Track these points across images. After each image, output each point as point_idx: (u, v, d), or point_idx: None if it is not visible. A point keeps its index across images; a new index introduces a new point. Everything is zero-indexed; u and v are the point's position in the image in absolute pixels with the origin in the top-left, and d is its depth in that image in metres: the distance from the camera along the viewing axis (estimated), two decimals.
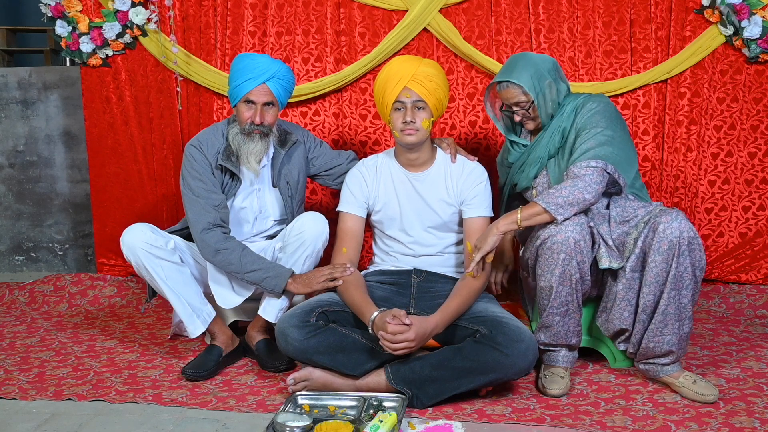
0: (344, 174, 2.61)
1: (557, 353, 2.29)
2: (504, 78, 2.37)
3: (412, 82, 2.28)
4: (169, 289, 2.47)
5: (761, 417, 1.99)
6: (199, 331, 2.51)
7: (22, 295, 3.45)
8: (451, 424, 1.98)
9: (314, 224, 2.47)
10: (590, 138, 2.26)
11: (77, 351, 2.74)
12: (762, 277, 3.09)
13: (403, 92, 2.28)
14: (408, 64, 2.33)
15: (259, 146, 2.52)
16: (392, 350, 2.07)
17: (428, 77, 2.30)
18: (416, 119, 2.29)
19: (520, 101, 2.36)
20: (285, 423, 1.88)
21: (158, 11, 3.24)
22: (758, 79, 3.00)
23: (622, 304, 2.22)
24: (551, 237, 2.15)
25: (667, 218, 2.12)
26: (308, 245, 2.46)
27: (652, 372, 2.25)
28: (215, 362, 2.47)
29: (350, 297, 2.26)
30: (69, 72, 3.88)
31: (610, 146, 2.23)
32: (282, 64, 2.53)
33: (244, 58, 2.53)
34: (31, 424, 2.08)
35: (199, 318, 2.51)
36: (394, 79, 2.29)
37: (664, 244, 2.10)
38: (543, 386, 2.21)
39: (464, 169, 2.41)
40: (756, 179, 3.06)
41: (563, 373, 2.25)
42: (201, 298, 2.55)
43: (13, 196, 3.96)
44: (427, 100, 2.29)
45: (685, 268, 2.11)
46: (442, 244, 2.42)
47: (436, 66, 2.37)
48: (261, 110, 2.48)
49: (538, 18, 3.06)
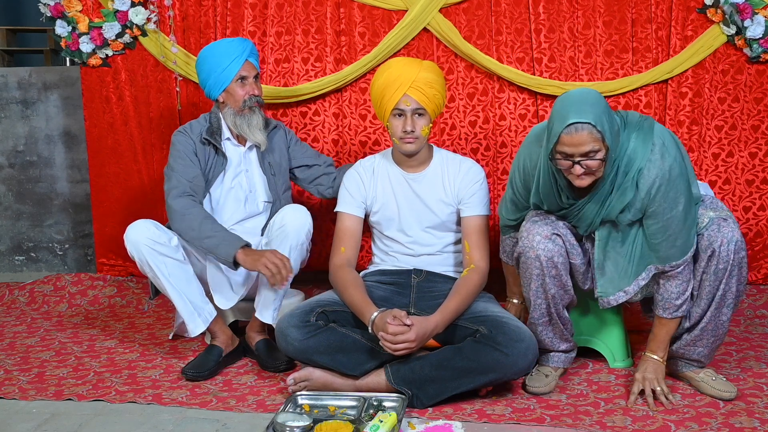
0: (320, 177, 2.78)
1: (549, 354, 2.31)
2: (579, 118, 1.89)
3: (411, 89, 2.26)
4: (171, 286, 2.47)
5: (761, 417, 1.99)
6: (199, 330, 2.51)
7: (22, 295, 3.45)
8: (451, 424, 1.98)
9: (295, 216, 2.47)
10: (673, 234, 2.03)
11: (77, 351, 2.74)
12: (762, 277, 3.09)
13: (403, 99, 2.27)
14: (408, 69, 2.30)
15: (259, 117, 2.67)
16: (393, 351, 2.07)
17: (428, 83, 2.28)
18: (416, 128, 2.29)
19: (592, 150, 1.91)
20: (285, 423, 1.88)
21: (158, 11, 3.24)
22: (759, 79, 2.99)
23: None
24: (524, 252, 2.15)
25: (725, 235, 2.05)
26: (291, 237, 2.45)
27: (674, 366, 2.26)
28: (215, 362, 2.47)
29: (349, 297, 2.26)
30: (69, 72, 3.88)
31: (692, 223, 2.06)
32: (249, 41, 2.71)
33: (217, 46, 2.66)
34: (31, 424, 2.08)
35: (200, 317, 2.51)
36: (394, 86, 2.27)
37: (720, 264, 2.07)
38: (525, 383, 2.23)
39: (461, 168, 2.40)
40: (757, 179, 3.06)
41: (549, 372, 2.26)
42: (203, 297, 2.55)
43: (13, 196, 3.96)
44: (426, 107, 2.28)
45: (731, 287, 2.09)
46: (441, 243, 2.42)
47: (435, 70, 2.36)
48: (253, 83, 2.64)
49: (538, 18, 3.06)
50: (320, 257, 3.22)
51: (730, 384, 2.15)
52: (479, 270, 2.30)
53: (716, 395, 2.12)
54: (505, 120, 3.14)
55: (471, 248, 2.33)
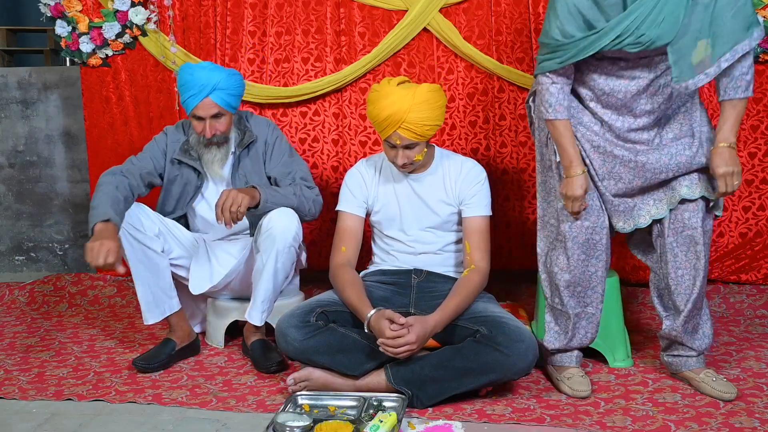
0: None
1: (571, 354, 2.32)
2: None
3: (402, 129, 2.22)
4: (137, 273, 2.52)
5: (761, 417, 1.99)
6: (153, 320, 2.57)
7: (22, 295, 3.45)
8: (451, 424, 1.98)
9: (281, 220, 2.45)
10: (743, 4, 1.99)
11: (77, 351, 2.74)
12: (762, 277, 3.09)
13: (393, 136, 2.24)
14: (399, 107, 2.19)
15: (218, 155, 2.60)
16: (395, 354, 2.07)
17: (419, 123, 2.21)
18: (408, 158, 2.29)
19: None
20: (285, 423, 1.88)
21: (158, 11, 3.24)
22: (759, 79, 2.99)
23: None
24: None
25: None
26: (278, 241, 2.44)
27: (676, 366, 2.26)
28: (167, 355, 2.53)
29: (347, 297, 2.26)
30: (69, 72, 3.88)
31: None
32: (222, 73, 2.50)
33: (184, 72, 2.52)
34: (31, 424, 2.08)
35: (158, 308, 2.56)
36: (384, 123, 2.23)
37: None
38: (572, 389, 2.20)
39: (462, 169, 2.40)
40: (756, 179, 3.06)
41: (582, 373, 2.26)
42: (168, 290, 2.59)
43: (13, 196, 3.96)
44: (419, 141, 2.26)
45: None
46: (442, 242, 2.42)
47: (429, 102, 2.22)
48: (210, 124, 2.52)
49: (538, 18, 3.06)
50: (320, 257, 3.22)
51: (730, 384, 2.15)
52: (480, 270, 2.30)
53: (716, 396, 2.12)
54: (505, 120, 3.14)
55: (472, 249, 2.33)
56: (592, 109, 2.18)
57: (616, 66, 2.11)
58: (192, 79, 2.47)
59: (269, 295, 2.50)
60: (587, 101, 2.19)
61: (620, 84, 2.11)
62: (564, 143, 2.15)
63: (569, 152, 2.14)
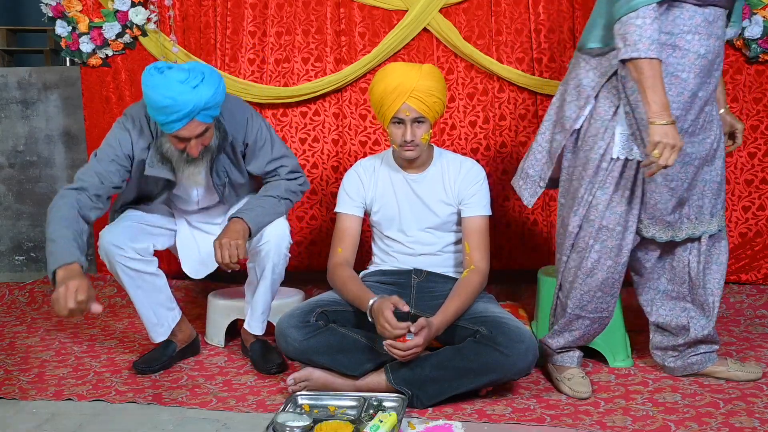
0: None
1: (572, 354, 2.31)
2: None
3: (411, 98, 2.24)
4: (137, 298, 2.47)
5: (761, 417, 1.99)
6: (161, 339, 2.54)
7: (22, 295, 3.45)
8: (451, 424, 1.98)
9: (275, 232, 2.44)
10: None
11: (77, 351, 2.74)
12: (762, 277, 3.09)
13: (402, 109, 2.25)
14: (407, 77, 2.25)
15: (201, 165, 2.36)
16: (401, 357, 2.08)
17: (428, 92, 2.25)
18: (416, 136, 2.28)
19: None
20: (285, 423, 1.88)
21: (158, 11, 3.24)
22: (758, 79, 3.00)
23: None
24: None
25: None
26: (273, 254, 2.43)
27: (700, 364, 2.28)
28: (169, 357, 2.52)
29: (348, 290, 2.27)
30: (69, 72, 3.88)
31: None
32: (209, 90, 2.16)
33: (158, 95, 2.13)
34: (31, 424, 2.08)
35: (162, 327, 2.53)
36: (393, 95, 2.25)
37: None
38: (572, 390, 2.20)
39: (462, 169, 2.40)
40: (756, 179, 3.06)
41: (582, 373, 2.26)
42: (168, 304, 2.55)
43: (13, 196, 3.96)
44: (426, 115, 2.27)
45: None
46: (442, 243, 2.42)
47: (435, 75, 2.31)
48: (196, 144, 2.26)
49: (538, 18, 3.06)
50: (320, 257, 3.22)
51: (754, 365, 2.30)
52: (479, 271, 2.30)
53: (746, 378, 2.23)
54: (505, 120, 3.14)
55: (471, 249, 2.33)
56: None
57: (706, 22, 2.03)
58: (174, 104, 2.12)
59: (268, 305, 2.52)
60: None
61: (711, 44, 2.04)
62: (660, 85, 1.94)
63: (664, 96, 1.94)
